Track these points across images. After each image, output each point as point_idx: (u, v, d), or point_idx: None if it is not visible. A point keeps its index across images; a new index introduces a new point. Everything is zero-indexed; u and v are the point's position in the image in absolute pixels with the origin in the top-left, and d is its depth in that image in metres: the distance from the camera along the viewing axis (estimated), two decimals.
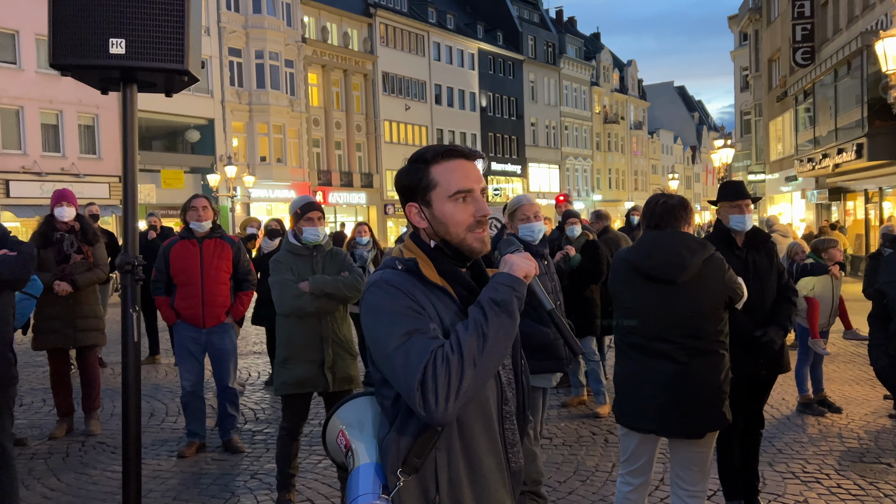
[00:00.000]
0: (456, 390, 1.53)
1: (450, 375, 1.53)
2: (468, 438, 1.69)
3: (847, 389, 7.24)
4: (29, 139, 25.25)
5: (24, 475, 5.04)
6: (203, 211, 5.38)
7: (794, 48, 26.17)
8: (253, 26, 32.40)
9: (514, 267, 1.67)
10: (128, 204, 2.66)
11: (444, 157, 1.76)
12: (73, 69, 2.50)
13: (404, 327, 1.61)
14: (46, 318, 5.86)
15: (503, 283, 1.64)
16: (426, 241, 1.79)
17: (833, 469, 5.00)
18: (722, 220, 4.04)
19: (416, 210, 1.78)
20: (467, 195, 1.74)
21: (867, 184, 21.64)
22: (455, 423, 1.67)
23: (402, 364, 1.58)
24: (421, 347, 1.58)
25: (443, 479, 1.68)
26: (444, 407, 1.53)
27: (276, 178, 33.08)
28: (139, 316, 2.69)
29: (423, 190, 1.76)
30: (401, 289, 1.67)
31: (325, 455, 5.22)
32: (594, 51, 63.62)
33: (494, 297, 1.61)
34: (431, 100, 44.51)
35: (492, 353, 1.58)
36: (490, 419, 1.73)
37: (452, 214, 1.73)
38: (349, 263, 4.43)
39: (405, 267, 1.72)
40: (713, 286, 3.17)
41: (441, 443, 1.67)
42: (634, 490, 3.40)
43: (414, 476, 1.67)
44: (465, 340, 1.56)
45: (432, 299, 1.69)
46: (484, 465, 1.71)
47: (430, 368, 1.54)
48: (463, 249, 1.75)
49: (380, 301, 1.67)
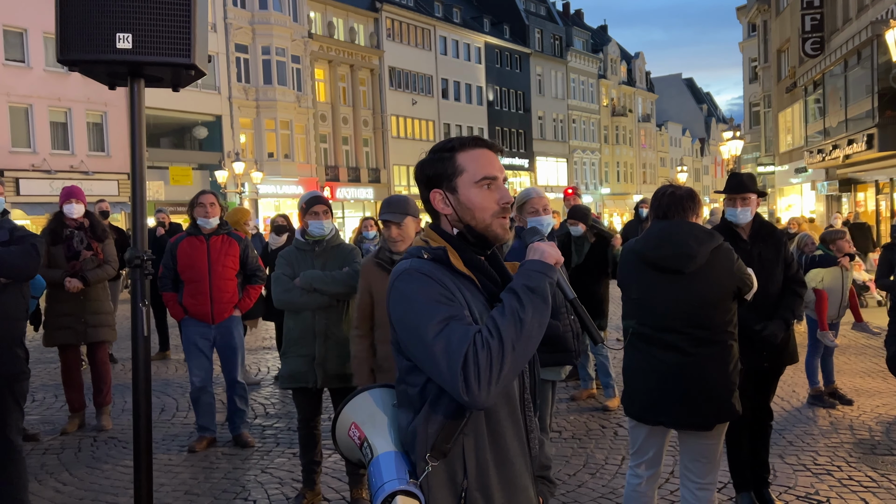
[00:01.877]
0: (497, 375, 1.56)
1: (491, 360, 1.55)
2: (495, 423, 1.73)
3: (858, 381, 7.20)
4: (38, 137, 25.38)
5: (37, 470, 5.07)
6: (210, 207, 5.39)
7: (804, 38, 25.96)
8: (259, 22, 32.42)
9: (545, 254, 1.71)
10: (136, 199, 2.67)
11: (470, 146, 1.80)
12: (81, 64, 2.50)
13: (441, 314, 1.63)
14: (57, 315, 5.90)
15: (536, 270, 1.67)
16: (448, 230, 1.81)
17: (844, 461, 4.97)
18: (725, 212, 4.14)
19: (441, 196, 1.80)
20: (492, 182, 1.78)
21: (878, 174, 21.48)
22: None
23: (444, 350, 1.58)
24: (461, 333, 1.59)
25: (470, 464, 1.70)
26: (486, 391, 1.56)
27: (284, 173, 33.14)
28: (149, 311, 2.70)
29: (450, 176, 1.79)
30: (432, 277, 1.69)
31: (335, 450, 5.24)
32: (601, 43, 63.36)
33: (529, 284, 1.64)
34: (438, 94, 44.44)
35: (529, 337, 1.60)
36: (514, 404, 1.77)
37: (480, 200, 1.77)
38: (352, 259, 4.36)
39: (432, 256, 1.73)
40: (721, 276, 3.15)
41: (468, 428, 1.70)
42: (644, 482, 3.39)
43: (441, 461, 1.70)
44: (503, 326, 1.58)
45: (461, 287, 1.72)
46: (510, 450, 1.75)
47: (471, 354, 1.56)
48: (488, 235, 1.79)
49: (413, 289, 1.68)
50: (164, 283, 5.46)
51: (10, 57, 24.71)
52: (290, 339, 4.38)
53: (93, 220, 6.10)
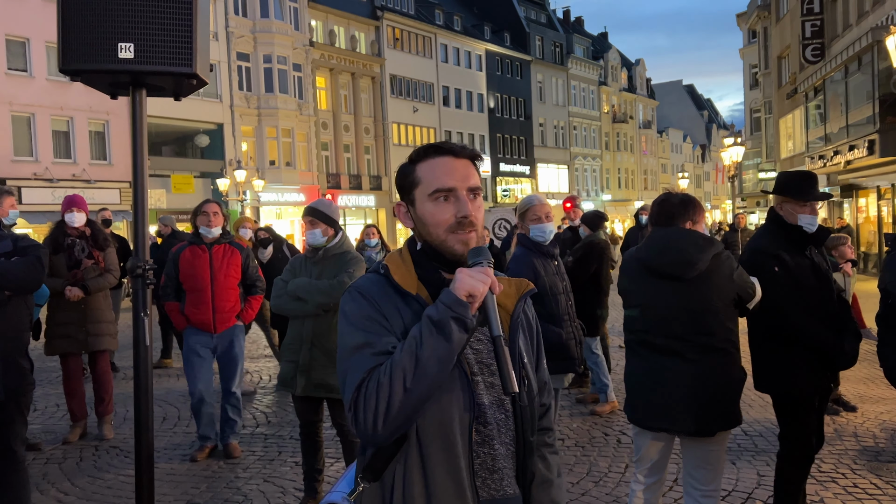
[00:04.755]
0: (384, 414, 1.48)
1: (378, 399, 1.48)
2: (425, 457, 1.60)
3: (862, 388, 7.17)
4: (40, 146, 25.43)
5: (39, 479, 5.06)
6: (213, 217, 5.40)
7: (804, 45, 25.99)
8: (261, 31, 32.52)
9: (457, 284, 1.50)
10: (138, 209, 2.67)
11: (428, 155, 1.68)
12: (83, 74, 2.51)
13: (356, 340, 1.58)
14: (58, 324, 5.89)
15: (442, 302, 1.50)
16: (416, 242, 1.72)
17: (849, 468, 4.95)
18: (785, 216, 3.56)
19: (404, 209, 1.72)
20: (449, 194, 1.63)
21: (879, 180, 21.46)
22: (414, 438, 1.59)
23: (343, 381, 1.57)
24: (360, 366, 1.54)
25: (398, 492, 1.62)
26: (372, 429, 1.49)
27: (286, 181, 33.17)
28: (150, 320, 2.69)
29: (409, 188, 1.69)
30: (366, 297, 1.63)
31: (339, 458, 5.23)
32: (602, 50, 63.48)
33: (431, 316, 1.50)
34: (439, 101, 44.52)
35: (423, 376, 1.48)
36: (451, 442, 1.59)
37: (432, 213, 1.64)
38: (345, 269, 4.30)
39: (384, 271, 1.67)
40: (721, 283, 3.14)
41: (400, 455, 1.61)
42: (647, 489, 3.38)
43: (376, 483, 1.64)
44: (397, 362, 1.49)
45: (402, 308, 1.62)
46: (439, 487, 1.59)
47: (362, 389, 1.51)
48: (444, 252, 1.64)
49: (345, 308, 1.65)
50: (167, 292, 5.45)
51: (13, 66, 24.79)
52: (284, 344, 4.45)
53: (94, 228, 6.10)
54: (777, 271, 3.40)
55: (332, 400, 4.36)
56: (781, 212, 3.57)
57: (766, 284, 3.36)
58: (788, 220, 3.54)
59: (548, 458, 1.82)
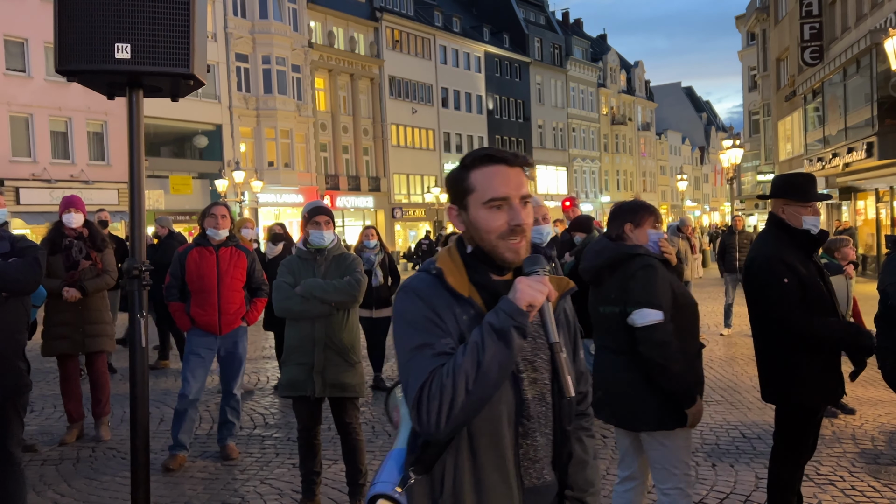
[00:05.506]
0: (447, 414, 1.55)
1: (441, 400, 1.55)
2: (474, 449, 1.69)
3: (860, 391, 7.17)
4: (38, 146, 25.41)
5: (35, 481, 5.04)
6: (222, 219, 5.41)
7: (803, 47, 26.03)
8: (259, 32, 32.51)
9: (518, 294, 1.58)
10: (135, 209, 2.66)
11: (482, 163, 1.73)
12: (80, 74, 2.50)
13: (414, 341, 1.64)
14: (55, 325, 5.88)
15: (503, 310, 1.58)
16: (466, 245, 1.78)
17: (847, 471, 4.94)
18: (788, 220, 3.46)
19: (456, 213, 1.78)
20: (503, 203, 1.70)
21: (878, 183, 21.49)
22: (465, 433, 1.68)
23: (405, 381, 1.63)
24: (423, 366, 1.60)
25: (448, 483, 1.69)
26: (435, 426, 1.56)
27: (284, 182, 33.16)
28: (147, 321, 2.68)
29: (462, 194, 1.74)
30: (421, 297, 1.68)
31: (337, 459, 5.22)
32: (601, 52, 63.54)
33: (493, 323, 1.57)
34: (438, 103, 44.53)
35: (485, 380, 1.55)
36: (499, 435, 1.69)
37: (485, 220, 1.70)
38: (353, 268, 4.36)
39: (436, 272, 1.72)
40: (617, 292, 3.22)
41: (451, 448, 1.69)
42: (621, 483, 3.52)
43: (426, 475, 1.71)
44: (459, 366, 1.55)
45: (455, 310, 1.68)
46: (488, 479, 1.69)
47: (425, 390, 1.57)
48: (494, 257, 1.72)
49: (400, 308, 1.71)
50: (171, 293, 5.44)
51: (11, 66, 24.77)
52: (289, 347, 4.37)
53: (92, 229, 6.08)
54: (787, 283, 3.31)
55: (338, 400, 4.35)
56: (784, 215, 3.46)
57: (779, 294, 3.31)
58: (792, 222, 3.44)
59: (584, 440, 1.93)
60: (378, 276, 7.82)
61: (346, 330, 4.34)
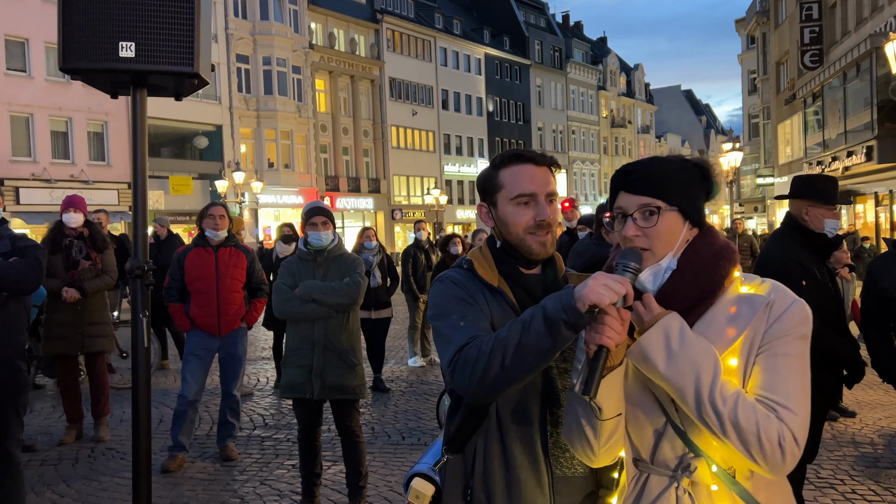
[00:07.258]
0: (479, 380, 1.57)
1: (475, 366, 1.57)
2: (504, 432, 1.76)
3: (860, 394, 7.17)
4: (39, 146, 25.41)
5: (34, 481, 5.03)
6: (220, 220, 5.40)
7: (803, 51, 26.06)
8: (260, 33, 32.54)
9: (585, 290, 1.43)
10: (138, 209, 2.65)
11: (511, 162, 1.82)
12: (83, 73, 2.49)
13: (457, 312, 1.72)
14: (55, 325, 5.86)
15: (561, 301, 1.47)
16: (496, 241, 1.88)
17: (847, 474, 4.94)
18: (811, 221, 3.34)
19: (486, 210, 1.88)
20: (529, 199, 1.78)
21: (877, 186, 21.51)
22: (494, 415, 1.75)
23: (446, 343, 1.69)
24: (464, 331, 1.67)
25: (479, 464, 1.77)
26: (466, 389, 1.62)
27: (284, 183, 33.16)
28: (149, 321, 2.67)
29: (491, 191, 1.84)
30: (457, 283, 1.79)
31: (337, 461, 5.20)
32: (601, 55, 63.59)
33: (547, 308, 1.50)
34: (438, 105, 44.55)
35: (522, 361, 1.52)
36: (528, 422, 1.75)
37: (513, 216, 1.79)
38: (353, 270, 4.35)
39: (467, 266, 1.84)
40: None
41: (482, 430, 1.77)
42: None
43: (458, 455, 1.80)
44: (500, 339, 1.56)
45: (488, 298, 1.78)
46: (516, 462, 1.75)
47: (463, 352, 1.62)
48: (522, 250, 1.80)
49: (439, 291, 1.81)
50: (171, 293, 5.43)
51: (12, 66, 24.77)
52: (289, 348, 4.37)
53: (93, 229, 6.07)
54: (805, 285, 3.18)
55: (338, 402, 4.34)
56: (807, 216, 3.33)
57: None
58: (814, 225, 3.31)
59: None
60: (377, 277, 7.82)
61: (346, 332, 4.33)
